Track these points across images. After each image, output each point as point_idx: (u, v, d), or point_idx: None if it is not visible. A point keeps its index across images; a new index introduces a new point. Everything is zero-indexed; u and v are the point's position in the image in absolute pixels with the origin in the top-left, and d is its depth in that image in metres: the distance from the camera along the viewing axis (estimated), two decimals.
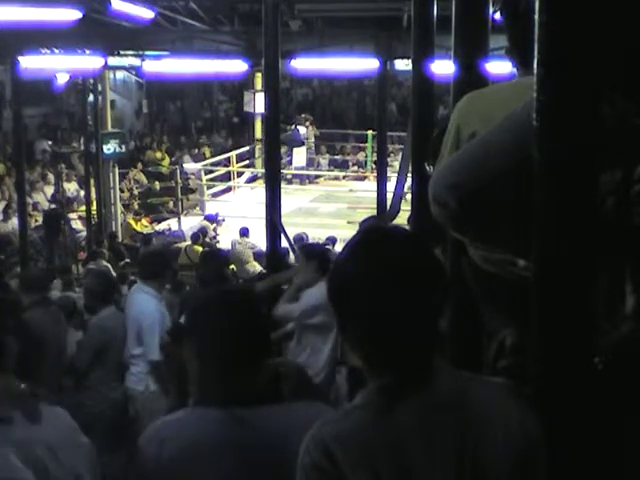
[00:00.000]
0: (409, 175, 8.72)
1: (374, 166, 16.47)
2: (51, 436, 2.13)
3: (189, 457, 1.98)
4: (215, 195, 17.38)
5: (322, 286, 5.49)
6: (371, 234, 1.57)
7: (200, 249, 11.44)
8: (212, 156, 20.03)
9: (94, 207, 15.26)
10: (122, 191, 17.16)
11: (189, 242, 12.86)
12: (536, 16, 1.32)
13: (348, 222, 13.49)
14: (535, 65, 1.34)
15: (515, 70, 1.87)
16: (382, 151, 13.32)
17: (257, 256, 11.83)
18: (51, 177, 17.61)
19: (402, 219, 9.05)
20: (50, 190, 17.10)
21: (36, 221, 15.34)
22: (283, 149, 15.79)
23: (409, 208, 5.48)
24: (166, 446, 1.99)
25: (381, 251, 1.47)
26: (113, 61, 13.53)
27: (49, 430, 2.14)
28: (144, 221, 15.91)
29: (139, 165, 19.23)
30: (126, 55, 13.72)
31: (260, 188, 14.01)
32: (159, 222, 16.19)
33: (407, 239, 1.53)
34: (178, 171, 16.98)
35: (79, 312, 6.84)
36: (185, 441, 1.99)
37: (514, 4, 1.77)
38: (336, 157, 20.83)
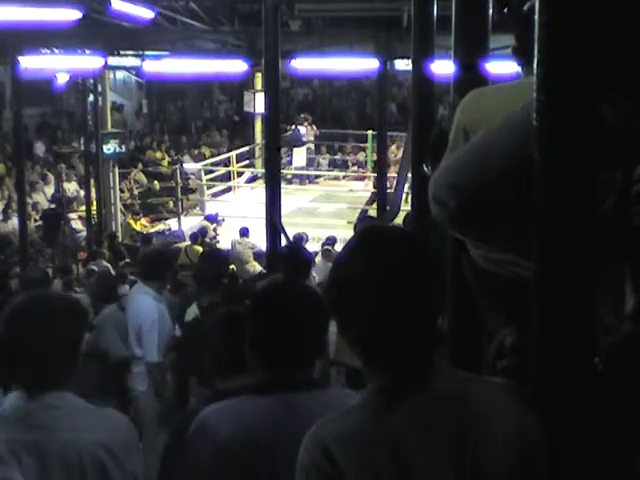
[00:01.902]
0: (409, 175, 8.72)
1: (374, 166, 16.46)
2: (111, 439, 2.15)
3: (241, 444, 2.03)
4: (215, 195, 17.37)
5: None
6: (370, 234, 1.57)
7: (200, 249, 11.43)
8: (212, 156, 20.03)
9: (94, 207, 15.26)
10: (122, 191, 17.15)
11: (189, 242, 12.86)
12: (536, 16, 1.32)
13: (348, 222, 13.47)
14: (535, 65, 1.34)
15: (520, 70, 1.87)
16: (382, 151, 13.31)
17: (257, 256, 11.82)
18: (51, 177, 17.61)
19: (402, 219, 9.05)
20: (50, 190, 17.10)
21: (36, 221, 15.34)
22: (283, 149, 15.78)
23: (409, 208, 5.48)
24: (219, 435, 2.04)
25: (380, 251, 1.47)
26: (113, 61, 13.52)
27: (108, 433, 2.17)
28: (144, 221, 15.91)
29: (139, 165, 19.22)
30: (126, 55, 13.72)
31: (260, 188, 14.00)
32: (159, 222, 16.18)
33: (405, 239, 1.53)
34: (178, 171, 16.97)
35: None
36: (237, 429, 2.04)
37: (520, 3, 1.76)
38: (336, 157, 20.82)
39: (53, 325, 2.16)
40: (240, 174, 18.51)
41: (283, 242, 8.47)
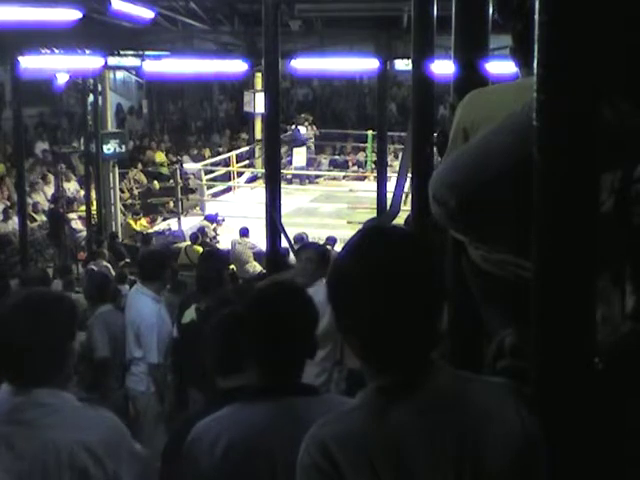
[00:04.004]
0: (409, 175, 8.71)
1: (374, 166, 16.48)
2: (93, 439, 2.13)
3: (241, 452, 2.04)
4: (215, 195, 17.38)
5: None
6: (370, 234, 1.57)
7: (200, 249, 11.43)
8: (212, 156, 20.03)
9: (94, 207, 15.26)
10: (122, 191, 17.15)
11: (189, 242, 12.86)
12: (536, 16, 1.32)
13: (348, 222, 13.49)
14: (535, 65, 1.33)
15: (518, 70, 1.87)
16: (382, 151, 13.31)
17: (257, 256, 11.83)
18: (51, 177, 17.61)
19: (402, 219, 9.05)
20: (50, 190, 17.09)
21: (36, 221, 15.33)
22: (283, 149, 15.78)
23: (409, 208, 5.48)
24: (218, 444, 2.04)
25: (379, 251, 1.47)
26: (113, 61, 13.53)
27: (91, 432, 2.15)
28: (143, 221, 15.90)
29: (139, 165, 19.21)
30: (126, 55, 13.73)
31: (260, 188, 14.00)
32: (159, 222, 16.18)
33: (405, 239, 1.53)
34: (178, 171, 16.96)
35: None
36: (235, 437, 2.05)
37: (518, 4, 1.77)
38: (336, 157, 20.82)
39: (37, 322, 2.15)
40: (240, 174, 18.51)
41: (283, 242, 8.47)
